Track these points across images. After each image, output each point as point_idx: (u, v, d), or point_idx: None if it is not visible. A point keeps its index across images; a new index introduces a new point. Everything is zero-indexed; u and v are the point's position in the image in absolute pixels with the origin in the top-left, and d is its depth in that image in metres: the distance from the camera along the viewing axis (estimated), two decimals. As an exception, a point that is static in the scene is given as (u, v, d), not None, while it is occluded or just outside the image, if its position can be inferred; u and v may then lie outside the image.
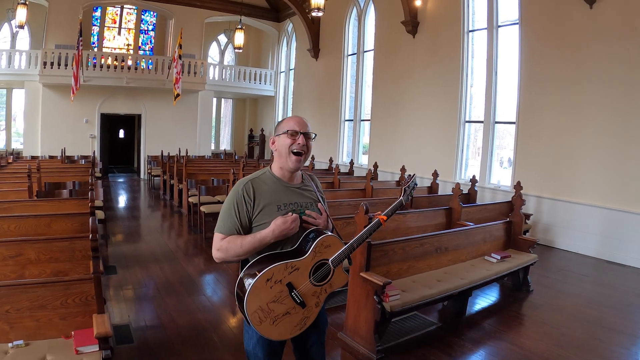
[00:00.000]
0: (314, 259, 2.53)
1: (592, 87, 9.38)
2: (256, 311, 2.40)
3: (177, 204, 13.33)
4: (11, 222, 5.48)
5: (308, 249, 2.52)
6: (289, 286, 2.46)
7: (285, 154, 2.63)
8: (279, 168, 2.70)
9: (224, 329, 5.28)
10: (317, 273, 2.54)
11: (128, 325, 5.14)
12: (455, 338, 5.10)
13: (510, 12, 11.47)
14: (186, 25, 19.34)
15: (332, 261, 2.56)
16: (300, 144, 2.61)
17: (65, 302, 3.52)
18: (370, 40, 16.86)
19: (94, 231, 3.64)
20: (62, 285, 3.53)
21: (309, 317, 2.55)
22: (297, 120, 2.69)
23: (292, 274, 2.47)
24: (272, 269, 2.42)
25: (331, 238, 2.58)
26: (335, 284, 2.61)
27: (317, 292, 2.55)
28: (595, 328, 5.55)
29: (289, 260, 2.47)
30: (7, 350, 3.29)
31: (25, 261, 4.41)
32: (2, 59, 17.38)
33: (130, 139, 24.93)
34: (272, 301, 2.42)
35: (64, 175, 11.16)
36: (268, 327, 2.44)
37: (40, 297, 3.47)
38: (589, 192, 9.39)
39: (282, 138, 2.64)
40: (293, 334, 2.53)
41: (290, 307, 2.47)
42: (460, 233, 6.32)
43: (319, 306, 2.59)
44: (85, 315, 3.55)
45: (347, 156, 17.70)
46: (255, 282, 2.39)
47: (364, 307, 4.66)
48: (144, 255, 8.17)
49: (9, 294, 3.42)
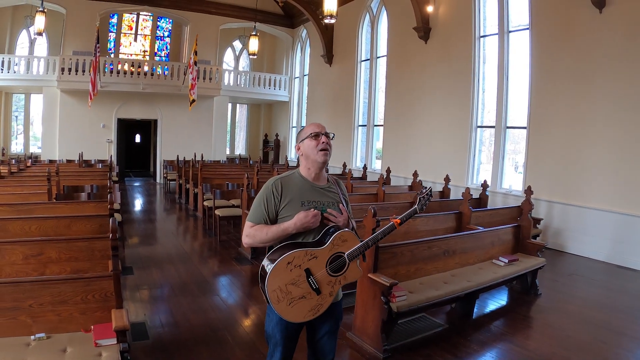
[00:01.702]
0: (332, 251, 2.78)
1: (602, 92, 9.44)
2: (275, 290, 2.65)
3: (192, 207, 13.55)
4: (32, 223, 5.72)
5: (327, 241, 2.78)
6: (307, 272, 2.73)
7: (312, 153, 2.93)
8: (306, 169, 2.99)
9: (237, 328, 5.44)
10: (333, 264, 2.79)
11: (144, 323, 5.32)
12: (462, 339, 5.21)
13: (521, 18, 11.57)
14: (201, 32, 19.64)
15: (348, 255, 2.81)
16: (324, 142, 2.93)
17: (86, 298, 3.72)
18: (383, 46, 17.02)
19: (114, 231, 3.82)
20: (83, 282, 3.73)
21: (322, 305, 2.78)
22: (316, 125, 3.01)
23: (310, 261, 2.74)
24: (293, 254, 2.70)
25: (348, 234, 2.84)
26: (349, 276, 2.85)
27: (332, 281, 2.79)
28: (601, 331, 5.61)
29: (309, 248, 2.75)
30: (29, 342, 3.48)
31: (47, 260, 4.60)
32: (20, 64, 17.80)
33: (146, 144, 25.28)
34: (290, 283, 2.68)
35: (82, 179, 11.42)
36: (285, 308, 2.68)
37: (62, 292, 3.67)
38: (600, 196, 9.43)
39: (307, 142, 2.95)
40: (306, 318, 2.76)
41: (307, 291, 2.73)
42: (468, 236, 6.43)
43: (333, 295, 2.81)
44: (104, 311, 3.73)
45: (361, 161, 17.83)
46: (278, 263, 2.66)
47: (371, 307, 4.80)
48: (160, 257, 8.37)
49: (33, 289, 3.62)
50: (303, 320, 2.78)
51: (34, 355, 3.32)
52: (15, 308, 3.59)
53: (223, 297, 6.56)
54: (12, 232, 5.53)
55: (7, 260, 4.47)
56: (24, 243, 4.62)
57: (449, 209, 8.79)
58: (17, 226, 5.64)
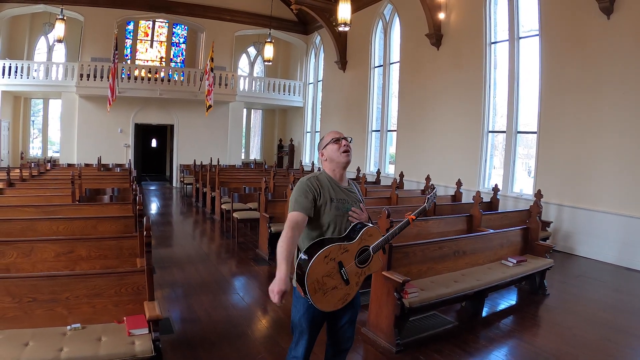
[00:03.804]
0: (360, 244, 3.05)
1: (611, 97, 9.58)
2: (313, 282, 2.85)
3: (209, 210, 13.80)
4: (60, 224, 6.03)
5: (356, 236, 3.05)
6: (340, 264, 2.96)
7: (336, 156, 3.20)
8: (331, 171, 3.25)
9: (257, 324, 5.70)
10: (360, 257, 3.06)
11: (168, 318, 5.58)
12: (471, 336, 5.42)
13: (531, 24, 11.75)
14: (216, 39, 19.97)
15: (373, 248, 3.10)
16: (345, 145, 3.22)
17: (119, 291, 4.00)
18: (396, 53, 17.21)
19: (147, 229, 4.06)
20: (116, 277, 4.01)
21: (349, 294, 3.02)
22: (335, 132, 3.30)
23: (343, 255, 2.98)
24: (330, 248, 2.92)
25: (374, 229, 3.14)
26: (372, 267, 3.15)
27: (358, 273, 3.06)
28: (607, 330, 5.76)
29: (343, 243, 3.00)
30: (65, 332, 3.74)
31: (77, 257, 4.90)
32: (40, 70, 18.20)
33: (162, 148, 25.63)
34: (326, 275, 2.90)
35: (102, 182, 11.74)
36: (320, 297, 2.89)
37: (96, 286, 3.95)
38: (609, 200, 9.56)
39: (329, 147, 3.23)
40: (337, 307, 2.99)
41: (338, 282, 2.95)
42: (478, 238, 6.63)
43: (359, 285, 3.08)
44: (136, 303, 4.01)
45: (374, 166, 18.02)
46: (317, 257, 2.86)
47: (385, 303, 5.04)
48: (180, 258, 8.64)
49: (69, 282, 3.91)
50: (334, 309, 2.99)
51: (71, 344, 3.54)
52: (53, 300, 3.86)
53: (242, 295, 6.82)
54: (41, 232, 5.83)
55: (39, 257, 4.76)
56: (55, 241, 4.91)
57: (460, 212, 8.96)
58: (45, 226, 5.94)
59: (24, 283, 3.80)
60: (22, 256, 4.69)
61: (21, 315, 3.77)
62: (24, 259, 4.69)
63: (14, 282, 3.79)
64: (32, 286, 3.81)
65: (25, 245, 4.74)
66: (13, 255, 4.65)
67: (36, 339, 3.57)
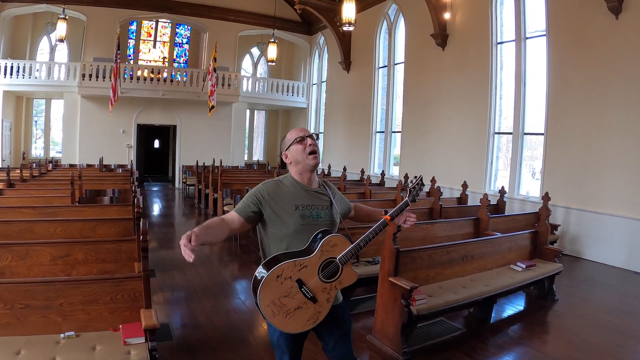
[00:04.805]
0: (321, 257, 2.73)
1: (619, 98, 9.43)
2: (269, 305, 2.60)
3: (211, 212, 13.65)
4: (58, 226, 5.88)
5: (315, 248, 2.73)
6: (299, 282, 2.66)
7: (302, 158, 2.87)
8: (298, 174, 2.94)
9: (259, 329, 5.54)
10: (325, 270, 2.73)
11: (167, 324, 5.43)
12: (480, 343, 5.26)
13: (538, 24, 11.60)
14: (220, 39, 19.89)
15: (340, 259, 2.77)
16: (311, 144, 2.88)
17: (115, 298, 3.84)
18: (400, 53, 17.08)
19: (144, 233, 3.91)
20: (112, 282, 3.85)
21: (320, 312, 2.73)
22: (299, 129, 2.99)
23: (301, 271, 2.68)
24: (281, 266, 2.63)
25: (337, 238, 2.80)
26: (344, 280, 2.82)
27: (327, 288, 2.74)
28: (616, 335, 5.64)
29: (298, 259, 2.69)
30: (59, 340, 3.59)
31: (74, 261, 4.75)
32: (42, 70, 18.14)
33: (164, 149, 25.55)
34: (283, 296, 2.62)
35: (103, 183, 11.62)
36: (282, 320, 2.64)
37: (92, 292, 3.79)
38: (617, 203, 9.40)
39: (293, 148, 2.90)
40: (307, 327, 2.73)
41: (302, 301, 2.67)
42: (486, 242, 6.47)
43: (330, 301, 2.77)
44: (132, 311, 3.85)
45: (379, 167, 17.84)
46: (267, 278, 2.60)
47: (391, 310, 4.86)
48: (181, 260, 8.35)
49: (64, 288, 3.75)
50: (304, 330, 2.74)
51: (65, 353, 3.41)
52: (46, 307, 3.71)
53: (244, 299, 6.66)
54: (38, 234, 5.70)
55: (35, 260, 4.62)
56: (52, 244, 4.76)
57: (466, 215, 8.82)
58: (43, 228, 5.80)
59: (17, 289, 3.66)
60: (17, 259, 4.54)
61: (14, 322, 3.62)
62: (19, 262, 4.55)
63: (6, 288, 3.64)
64: (25, 292, 3.66)
65: (20, 248, 4.59)
66: (8, 259, 4.50)
67: (29, 347, 3.44)
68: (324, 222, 2.90)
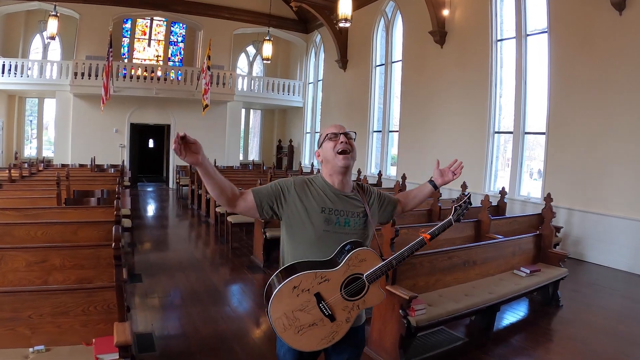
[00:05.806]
0: (347, 272, 2.42)
1: (623, 96, 9.19)
2: (280, 317, 2.31)
3: (204, 213, 13.37)
4: (38, 229, 5.54)
5: (341, 261, 2.42)
6: (317, 296, 2.36)
7: (331, 157, 2.58)
8: (328, 175, 2.64)
9: (247, 340, 5.23)
10: (349, 287, 2.41)
11: (151, 333, 5.12)
12: (482, 354, 4.97)
13: (539, 21, 11.33)
14: (215, 37, 19.54)
15: (367, 277, 2.44)
16: (343, 143, 2.58)
17: (87, 310, 3.53)
18: (398, 51, 16.80)
19: (116, 239, 3.62)
20: (84, 293, 3.54)
21: (337, 332, 2.42)
22: (334, 125, 2.70)
23: (321, 285, 2.37)
24: (300, 277, 2.33)
25: (367, 252, 2.47)
26: (369, 300, 2.48)
27: (348, 307, 2.42)
28: (624, 344, 5.40)
29: (320, 270, 2.38)
30: (27, 355, 3.32)
31: (50, 267, 4.42)
32: (34, 69, 17.81)
33: (159, 149, 25.26)
34: (297, 309, 2.33)
35: (92, 184, 11.30)
36: (292, 336, 2.34)
37: (62, 303, 3.48)
38: (621, 204, 9.16)
39: (325, 145, 2.63)
40: (320, 346, 2.41)
41: (317, 318, 2.36)
42: (488, 246, 6.17)
43: (350, 322, 2.45)
44: (107, 323, 3.54)
45: (375, 167, 17.63)
46: (282, 287, 2.31)
47: (389, 320, 4.57)
48: (170, 264, 8.20)
49: (32, 299, 3.44)
50: (315, 349, 2.43)
51: (33, 369, 3.13)
52: (14, 319, 3.41)
53: (234, 306, 6.37)
54: (18, 238, 5.36)
55: (9, 267, 4.30)
56: (27, 250, 4.44)
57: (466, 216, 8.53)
58: (23, 231, 5.47)
59: (-18, 300, 3.35)
60: (-9, 266, 4.23)
61: (-21, 335, 3.32)
62: (-7, 269, 4.23)
63: (-29, 299, 3.34)
64: (-9, 303, 3.36)
65: (-6, 253, 4.28)
66: (-20, 266, 4.19)
67: (-6, 362, 3.14)
68: (353, 232, 2.57)
